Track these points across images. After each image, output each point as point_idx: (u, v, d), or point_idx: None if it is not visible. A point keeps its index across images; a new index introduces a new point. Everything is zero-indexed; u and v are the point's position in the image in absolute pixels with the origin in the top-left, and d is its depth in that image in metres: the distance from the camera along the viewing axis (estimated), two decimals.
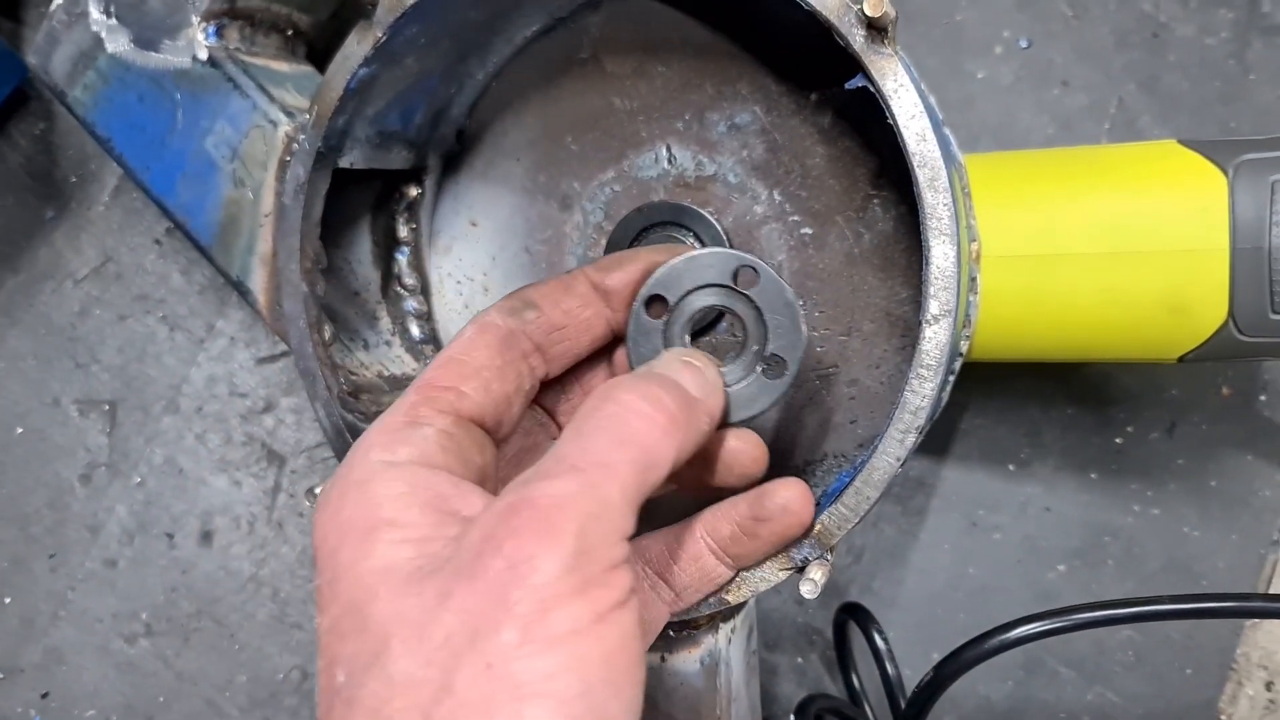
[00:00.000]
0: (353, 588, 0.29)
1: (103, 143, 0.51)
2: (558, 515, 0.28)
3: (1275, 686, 0.58)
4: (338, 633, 0.29)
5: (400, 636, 0.28)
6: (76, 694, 0.60)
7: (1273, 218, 0.43)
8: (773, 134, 0.48)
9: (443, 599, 0.28)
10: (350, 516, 0.31)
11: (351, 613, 0.29)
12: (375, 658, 0.28)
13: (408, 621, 0.28)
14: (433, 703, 0.26)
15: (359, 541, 0.30)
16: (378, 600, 0.29)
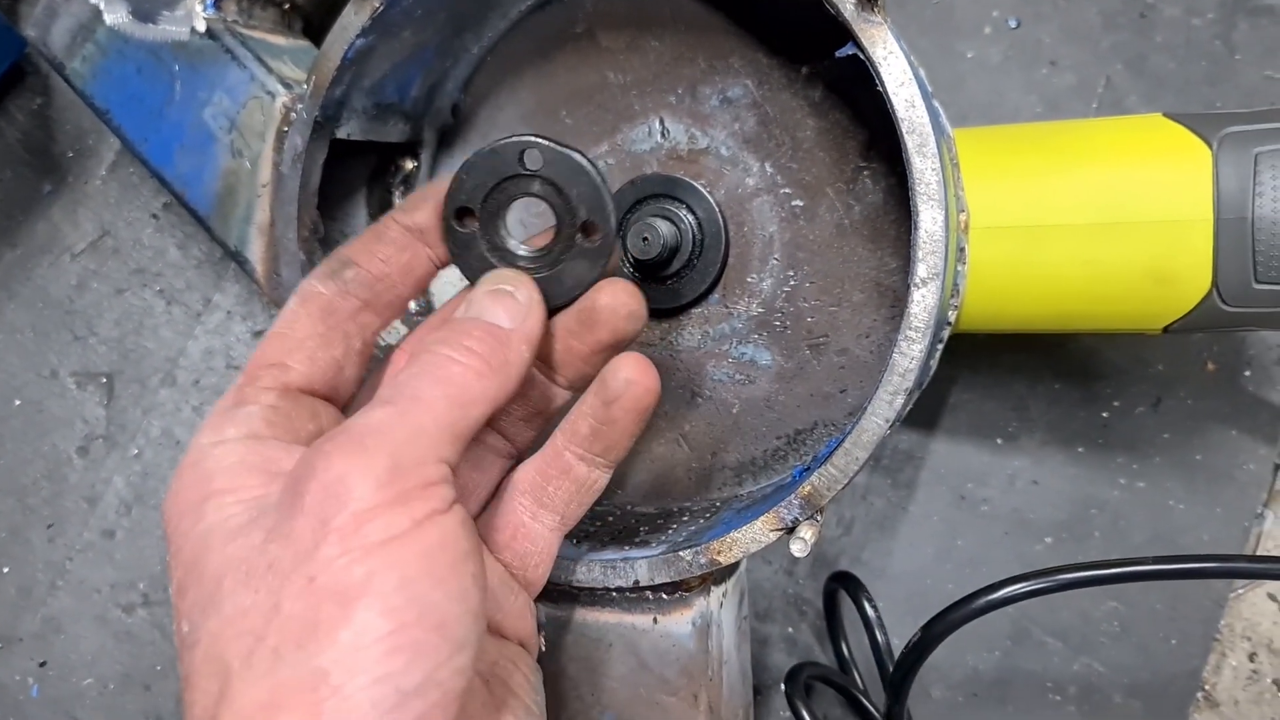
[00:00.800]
0: (191, 549, 0.31)
1: (101, 114, 0.51)
2: (370, 439, 0.30)
3: (1258, 657, 0.59)
4: (180, 590, 0.30)
5: (231, 575, 0.29)
6: (74, 663, 0.61)
7: (1256, 189, 0.43)
8: (764, 107, 0.49)
9: (268, 535, 0.30)
10: (186, 494, 0.32)
11: (190, 570, 0.30)
12: (210, 600, 0.29)
13: (237, 561, 0.30)
14: (264, 625, 0.28)
15: (194, 510, 0.31)
16: (210, 552, 0.30)
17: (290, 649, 0.28)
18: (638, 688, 0.45)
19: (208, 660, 0.29)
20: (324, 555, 0.28)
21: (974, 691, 0.58)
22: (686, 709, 0.45)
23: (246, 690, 0.27)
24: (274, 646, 0.28)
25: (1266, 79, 0.60)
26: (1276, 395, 0.58)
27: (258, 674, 0.28)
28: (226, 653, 0.28)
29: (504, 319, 0.36)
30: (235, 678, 0.28)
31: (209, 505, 0.31)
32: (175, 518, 0.32)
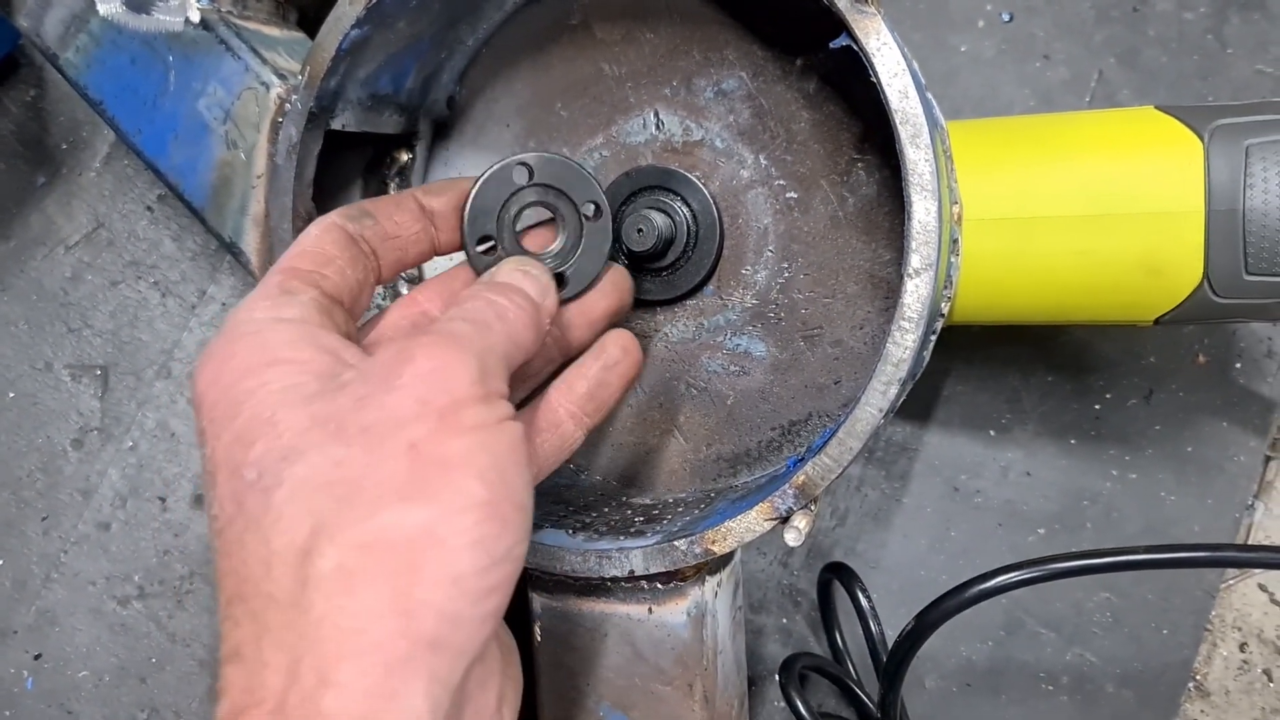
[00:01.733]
0: (256, 405, 0.31)
1: (95, 105, 0.51)
2: (463, 340, 0.33)
3: (1249, 647, 0.60)
4: (243, 442, 0.31)
5: (319, 430, 0.30)
6: (69, 655, 0.61)
7: (1247, 181, 0.44)
8: (759, 99, 0.49)
9: (359, 402, 0.31)
10: (245, 358, 0.32)
11: (258, 423, 0.31)
12: (291, 450, 0.30)
13: (324, 419, 0.31)
14: (362, 476, 0.29)
15: (256, 374, 0.32)
16: (289, 408, 0.31)
17: (392, 500, 0.29)
18: (633, 677, 0.45)
19: (295, 500, 0.29)
20: (424, 428, 0.30)
21: (967, 681, 0.59)
22: (682, 698, 0.45)
23: (345, 530, 0.29)
24: (375, 496, 0.29)
25: (1257, 73, 0.60)
26: (1267, 387, 0.59)
27: (357, 517, 0.29)
28: (319, 495, 0.29)
29: (533, 292, 0.39)
30: (332, 517, 0.29)
31: (275, 371, 0.32)
32: (231, 378, 0.32)
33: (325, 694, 0.28)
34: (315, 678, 0.28)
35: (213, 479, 0.31)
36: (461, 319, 0.35)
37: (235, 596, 0.30)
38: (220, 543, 0.30)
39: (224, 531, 0.30)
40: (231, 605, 0.30)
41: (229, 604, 0.30)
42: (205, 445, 0.32)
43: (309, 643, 0.28)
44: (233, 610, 0.30)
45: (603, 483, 0.52)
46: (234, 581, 0.30)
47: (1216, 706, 0.60)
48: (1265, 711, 0.59)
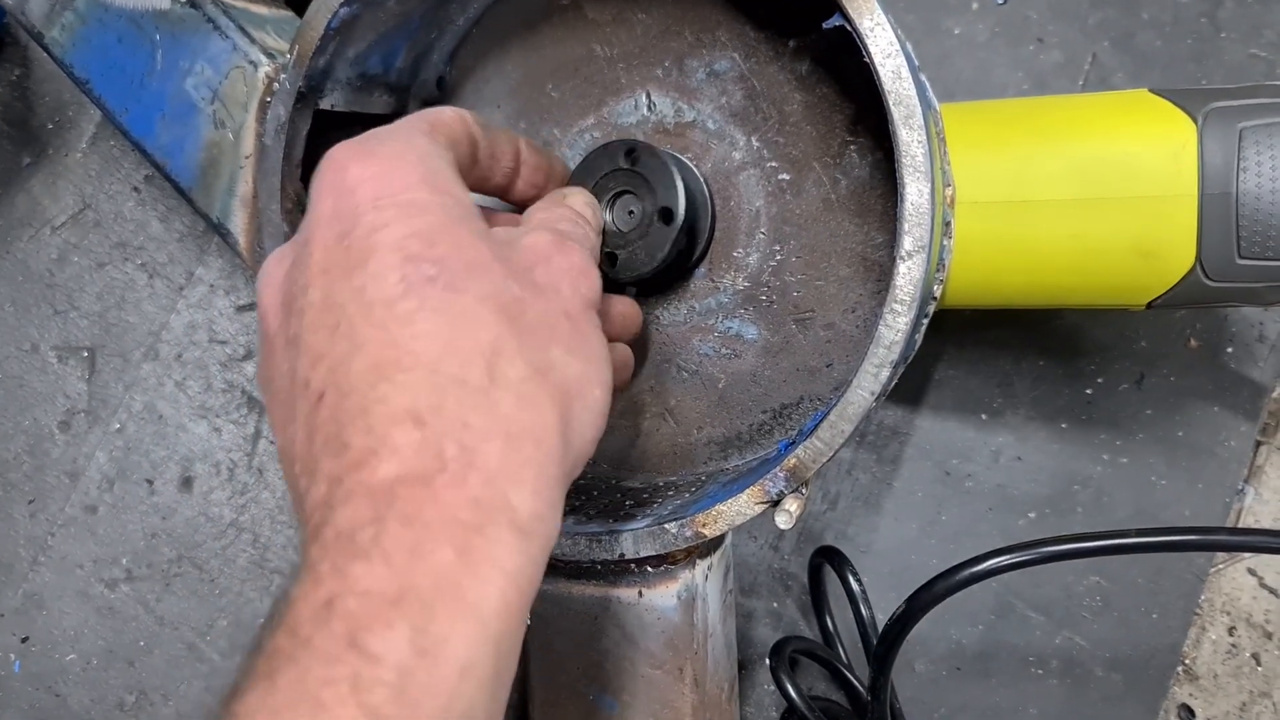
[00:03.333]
0: (437, 217, 0.32)
1: (81, 85, 0.51)
2: (584, 248, 0.37)
3: (1237, 631, 0.60)
4: (423, 239, 0.31)
5: (499, 264, 0.32)
6: (57, 638, 0.60)
7: (1240, 164, 0.43)
8: (751, 81, 0.49)
9: (525, 261, 0.34)
10: (416, 173, 0.33)
11: (441, 231, 0.32)
12: (477, 267, 0.31)
13: (502, 259, 0.33)
14: (536, 318, 0.32)
15: (432, 191, 0.33)
16: (467, 232, 0.32)
17: (559, 345, 0.32)
18: (623, 661, 0.45)
19: (482, 307, 0.30)
20: (576, 307, 0.34)
21: (957, 665, 0.59)
22: (672, 682, 0.45)
23: (526, 351, 0.31)
24: (547, 336, 0.32)
25: (1251, 57, 0.60)
26: (1258, 372, 0.59)
27: (536, 343, 0.31)
28: (501, 313, 0.31)
29: (593, 227, 0.42)
30: (513, 335, 0.31)
31: (447, 198, 0.33)
32: (401, 185, 0.32)
33: (510, 486, 0.28)
34: (500, 466, 0.28)
35: (362, 256, 0.30)
36: (567, 223, 0.39)
37: (394, 364, 0.29)
38: (369, 310, 0.30)
39: (382, 304, 0.30)
40: (395, 370, 0.29)
41: (390, 369, 0.29)
42: (351, 225, 0.31)
43: (497, 433, 0.29)
44: (396, 375, 0.29)
45: (593, 466, 0.52)
46: (393, 351, 0.29)
47: (1205, 690, 0.60)
48: (1253, 695, 0.59)
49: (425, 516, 0.27)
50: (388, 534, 0.27)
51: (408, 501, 0.27)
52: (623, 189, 0.46)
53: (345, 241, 0.31)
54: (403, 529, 0.27)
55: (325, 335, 0.30)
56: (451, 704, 0.26)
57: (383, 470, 0.27)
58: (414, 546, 0.27)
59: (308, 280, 0.31)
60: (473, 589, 0.27)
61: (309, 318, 0.31)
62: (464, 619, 0.26)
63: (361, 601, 0.26)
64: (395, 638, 0.25)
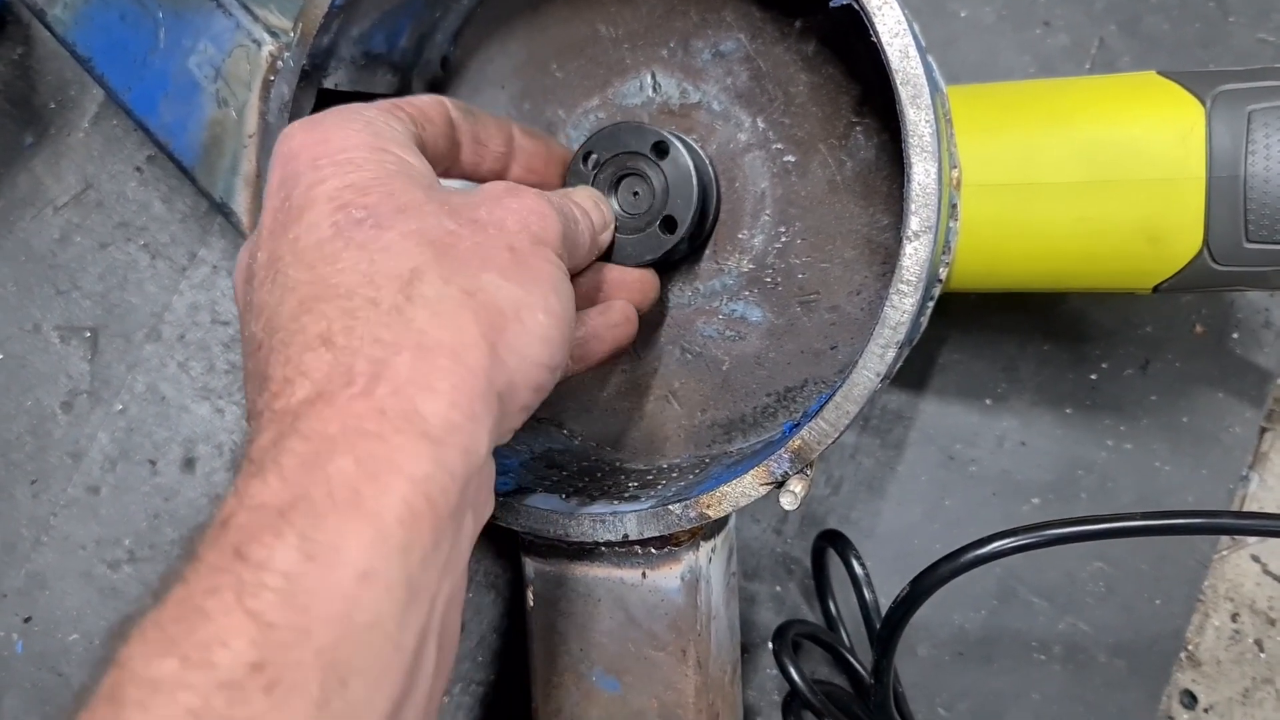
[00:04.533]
0: (373, 171, 0.34)
1: (83, 63, 0.51)
2: (554, 206, 0.37)
3: (1241, 618, 0.60)
4: (355, 188, 0.33)
5: (434, 204, 0.33)
6: (59, 618, 0.60)
7: (1249, 147, 0.43)
8: (757, 61, 0.48)
9: (468, 200, 0.35)
10: (361, 138, 0.34)
11: (374, 182, 0.33)
12: (409, 207, 0.33)
13: (438, 200, 0.34)
14: (470, 249, 0.33)
15: (375, 152, 0.34)
16: (403, 183, 0.33)
17: (493, 271, 0.32)
18: (626, 642, 0.45)
19: (406, 240, 0.31)
20: (522, 241, 0.34)
21: (960, 650, 0.59)
22: (675, 663, 0.45)
23: (452, 276, 0.31)
24: (480, 263, 0.32)
25: (1259, 41, 0.59)
26: (1263, 358, 0.58)
27: (464, 269, 0.32)
28: (430, 246, 0.32)
29: (596, 220, 0.43)
30: (439, 263, 0.31)
31: (389, 157, 0.34)
32: (344, 144, 0.34)
33: (419, 395, 0.28)
34: (410, 376, 0.28)
35: (299, 211, 0.32)
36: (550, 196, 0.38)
37: (315, 297, 0.30)
38: (301, 255, 0.31)
39: (313, 247, 0.31)
40: (315, 302, 0.30)
41: (311, 302, 0.30)
42: (293, 187, 0.33)
43: (407, 345, 0.29)
44: (316, 306, 0.30)
45: (596, 448, 0.52)
46: (316, 287, 0.30)
47: (1208, 676, 0.60)
48: (1256, 681, 0.59)
49: (328, 430, 0.27)
50: (285, 450, 0.27)
51: (312, 419, 0.28)
52: (632, 173, 0.46)
53: (287, 203, 0.33)
54: (300, 443, 0.27)
55: (267, 289, 0.31)
56: (351, 610, 0.26)
57: (296, 395, 0.28)
58: (310, 458, 0.27)
59: (258, 245, 0.33)
60: (371, 496, 0.27)
61: (258, 279, 0.32)
62: (359, 524, 0.26)
63: (251, 515, 0.26)
64: (282, 545, 0.25)
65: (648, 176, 0.46)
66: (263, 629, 0.24)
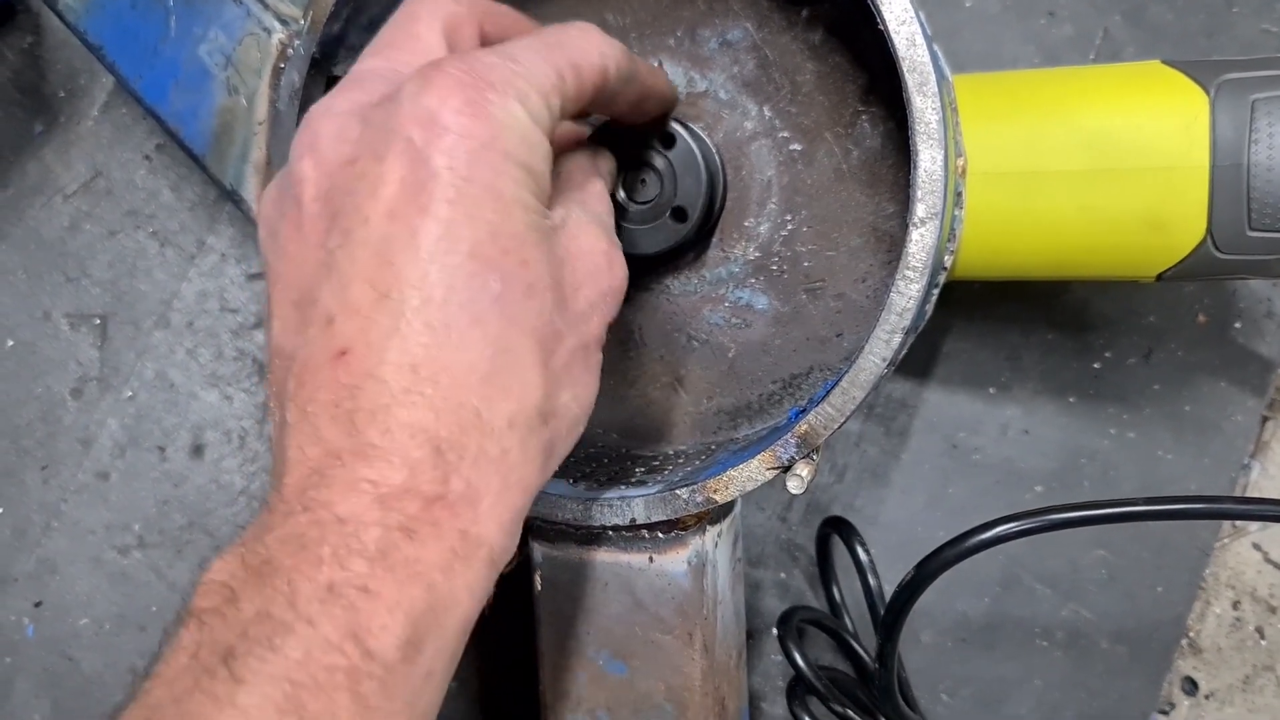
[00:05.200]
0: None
1: (94, 51, 0.51)
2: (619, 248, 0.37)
3: (1242, 605, 0.60)
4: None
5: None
6: (69, 603, 0.61)
7: (1252, 135, 0.44)
8: (764, 50, 0.48)
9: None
10: (514, 142, 0.32)
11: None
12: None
13: (549, 264, 0.33)
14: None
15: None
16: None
17: (569, 395, 0.33)
18: (633, 626, 0.46)
19: (530, 339, 0.31)
20: (594, 343, 0.35)
21: (963, 637, 0.59)
22: (681, 647, 0.45)
23: (541, 404, 0.32)
24: (560, 389, 0.33)
25: (1263, 32, 0.60)
26: (1265, 347, 0.59)
27: (550, 400, 0.32)
28: (536, 367, 0.32)
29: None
30: (535, 389, 0.32)
31: (529, 193, 0.32)
32: (514, 169, 0.31)
33: (493, 525, 0.31)
34: (489, 508, 0.31)
35: (434, 235, 0.29)
36: (601, 205, 0.38)
37: (429, 376, 0.30)
38: (427, 309, 0.30)
39: (435, 306, 0.30)
40: (424, 373, 0.30)
41: (415, 371, 0.29)
42: (436, 190, 0.30)
43: (495, 479, 0.31)
44: (424, 387, 0.30)
45: (603, 435, 0.52)
46: (431, 362, 0.30)
47: (1209, 663, 0.60)
48: (1256, 668, 0.60)
49: (423, 534, 0.29)
50: (393, 545, 0.28)
51: (410, 518, 0.29)
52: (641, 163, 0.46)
53: (419, 198, 0.30)
54: (405, 542, 0.28)
55: (369, 293, 0.29)
56: (416, 702, 0.29)
57: (392, 477, 0.29)
58: (412, 562, 0.29)
59: (369, 211, 0.30)
60: (449, 610, 0.29)
61: (358, 257, 0.30)
62: (438, 634, 0.29)
63: (364, 600, 0.28)
64: (389, 640, 0.28)
65: (655, 167, 0.46)
66: None
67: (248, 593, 0.28)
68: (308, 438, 0.29)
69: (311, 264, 0.31)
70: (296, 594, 0.27)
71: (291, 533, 0.28)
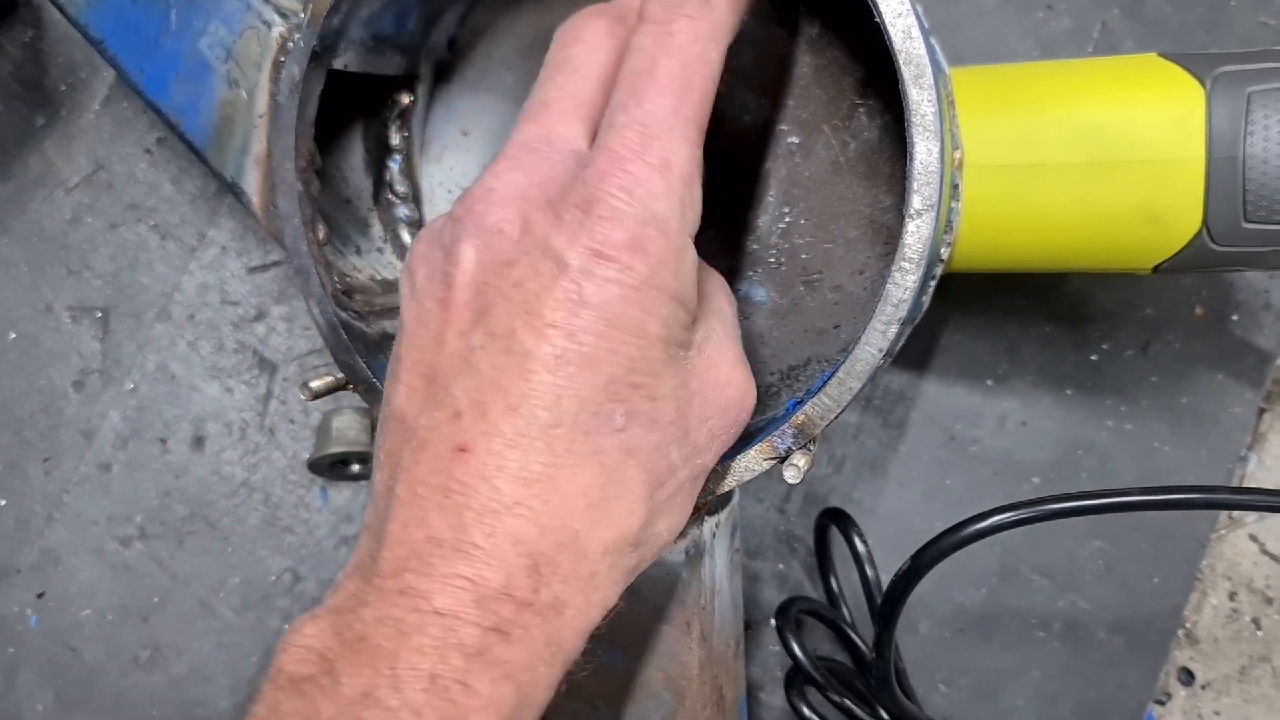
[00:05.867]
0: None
1: (95, 44, 0.51)
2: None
3: (1238, 596, 0.60)
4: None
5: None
6: (72, 594, 0.61)
7: (1248, 128, 0.44)
8: (761, 43, 0.49)
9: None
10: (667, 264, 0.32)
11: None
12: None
13: (677, 400, 0.34)
14: None
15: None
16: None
17: (666, 525, 0.34)
18: (631, 616, 0.46)
19: (643, 475, 0.32)
20: (701, 470, 0.36)
21: (960, 627, 0.59)
22: (679, 637, 0.45)
23: (641, 542, 0.33)
24: (661, 518, 0.34)
25: (1261, 25, 0.60)
26: (1263, 339, 0.59)
27: (653, 539, 0.34)
28: (642, 505, 0.32)
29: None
30: (635, 527, 0.32)
31: (666, 315, 0.32)
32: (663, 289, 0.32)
33: (572, 635, 0.33)
34: (570, 620, 0.32)
35: (574, 361, 0.30)
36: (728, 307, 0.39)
37: (537, 492, 0.31)
38: (554, 434, 0.30)
39: (561, 431, 0.30)
40: (532, 490, 0.31)
41: (525, 485, 0.30)
42: (585, 313, 0.30)
43: (581, 596, 0.32)
44: (531, 501, 0.31)
45: None
46: (541, 481, 0.31)
47: (1205, 654, 0.60)
48: (1253, 659, 0.60)
49: (514, 636, 0.30)
50: (489, 645, 0.29)
51: (504, 620, 0.30)
52: None
53: (568, 324, 0.30)
54: (500, 643, 0.30)
55: (501, 402, 0.30)
56: None
57: (491, 579, 0.30)
58: (504, 662, 0.30)
59: (517, 324, 0.30)
60: (531, 706, 0.31)
61: (499, 365, 0.31)
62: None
63: (463, 694, 0.29)
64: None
65: None
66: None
67: (347, 668, 0.29)
68: (415, 519, 0.30)
69: (450, 351, 0.32)
70: (400, 681, 0.28)
71: (389, 615, 0.29)
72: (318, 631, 0.30)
